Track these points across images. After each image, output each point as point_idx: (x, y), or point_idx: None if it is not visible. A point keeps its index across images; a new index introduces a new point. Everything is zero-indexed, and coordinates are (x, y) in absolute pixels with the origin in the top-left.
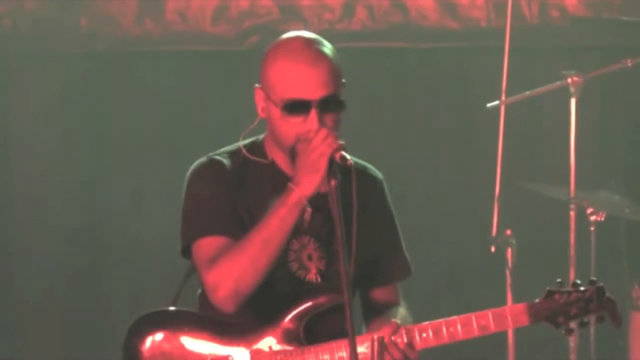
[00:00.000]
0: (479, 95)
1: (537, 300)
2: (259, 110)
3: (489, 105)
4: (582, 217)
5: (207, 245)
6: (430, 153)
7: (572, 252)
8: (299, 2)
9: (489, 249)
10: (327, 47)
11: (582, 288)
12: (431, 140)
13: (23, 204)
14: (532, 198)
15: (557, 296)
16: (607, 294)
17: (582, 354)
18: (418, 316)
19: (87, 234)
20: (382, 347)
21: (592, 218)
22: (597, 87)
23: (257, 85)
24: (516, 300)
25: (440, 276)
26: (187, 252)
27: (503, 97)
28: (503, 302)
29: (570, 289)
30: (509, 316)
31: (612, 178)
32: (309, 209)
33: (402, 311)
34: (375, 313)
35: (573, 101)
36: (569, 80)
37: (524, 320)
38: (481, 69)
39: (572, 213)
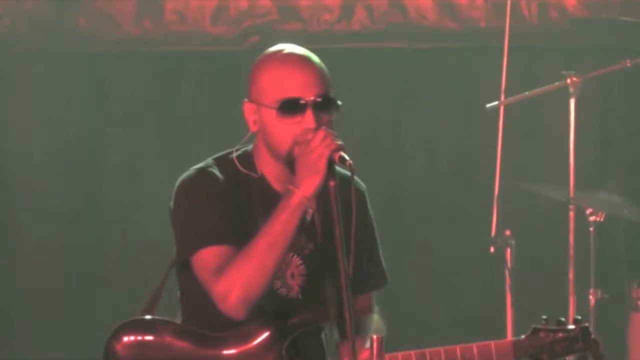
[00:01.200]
0: (478, 96)
1: (522, 337)
2: (250, 125)
3: (488, 105)
4: (581, 217)
5: (209, 255)
6: (429, 153)
7: (571, 252)
8: (297, 3)
9: (489, 249)
10: (314, 55)
11: (568, 327)
12: (430, 140)
13: (22, 204)
14: (532, 198)
15: (542, 334)
16: (592, 336)
17: None
18: (417, 317)
19: (86, 233)
20: (381, 348)
21: (592, 219)
22: (597, 88)
23: (245, 100)
24: (515, 300)
25: (440, 277)
26: (184, 264)
27: (502, 98)
28: (502, 303)
29: (555, 327)
30: (494, 351)
31: (612, 179)
32: (310, 211)
33: (375, 319)
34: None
35: (572, 101)
36: (569, 80)
37: (509, 356)
38: (480, 69)
39: (571, 213)
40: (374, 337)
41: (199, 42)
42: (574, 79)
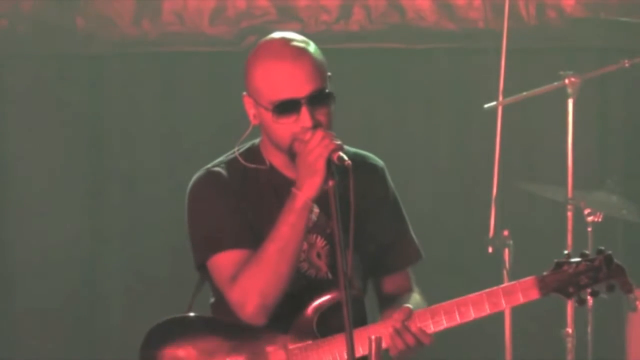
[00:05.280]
0: (476, 96)
1: (545, 273)
2: (251, 118)
3: (486, 106)
4: (579, 218)
5: (224, 261)
6: (427, 154)
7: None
8: (296, 3)
9: (487, 249)
10: (307, 43)
11: (590, 257)
12: (428, 141)
13: (20, 206)
14: (530, 199)
15: (565, 267)
16: (616, 261)
17: (580, 354)
18: None
19: (85, 234)
20: (380, 348)
21: (590, 219)
22: (595, 88)
23: (244, 93)
24: None
25: (437, 277)
26: (201, 268)
27: (500, 98)
28: None
29: (578, 259)
30: (519, 291)
31: (610, 179)
32: (316, 210)
33: (415, 297)
34: (389, 300)
35: (570, 102)
36: (567, 81)
37: (534, 294)
38: (478, 70)
39: (569, 214)
40: (372, 337)
41: (197, 43)
42: (572, 79)
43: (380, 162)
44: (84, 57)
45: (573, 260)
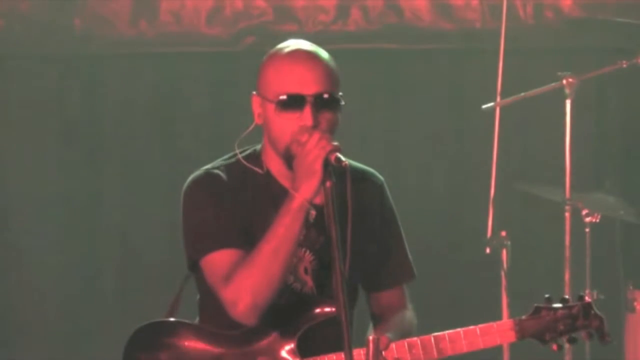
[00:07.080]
0: (474, 97)
1: (524, 317)
2: (255, 117)
3: (484, 106)
4: (577, 218)
5: (217, 260)
6: (425, 154)
7: (567, 253)
8: (293, 3)
9: (484, 250)
10: (325, 53)
11: (569, 304)
12: (426, 141)
13: (19, 206)
14: (527, 199)
15: (544, 313)
16: (594, 310)
17: (578, 355)
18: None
19: (86, 236)
20: (378, 348)
21: (587, 219)
22: (592, 89)
23: (254, 92)
24: (511, 301)
25: (435, 277)
26: (193, 265)
27: (498, 99)
28: (498, 304)
29: (557, 305)
30: (497, 333)
31: (607, 179)
32: (313, 212)
33: (407, 316)
34: (381, 317)
35: (568, 102)
36: (564, 81)
37: (511, 337)
38: (476, 71)
39: (567, 214)
40: (370, 338)
41: (195, 43)
42: (570, 80)
43: (379, 178)
44: (81, 57)
45: (551, 306)
